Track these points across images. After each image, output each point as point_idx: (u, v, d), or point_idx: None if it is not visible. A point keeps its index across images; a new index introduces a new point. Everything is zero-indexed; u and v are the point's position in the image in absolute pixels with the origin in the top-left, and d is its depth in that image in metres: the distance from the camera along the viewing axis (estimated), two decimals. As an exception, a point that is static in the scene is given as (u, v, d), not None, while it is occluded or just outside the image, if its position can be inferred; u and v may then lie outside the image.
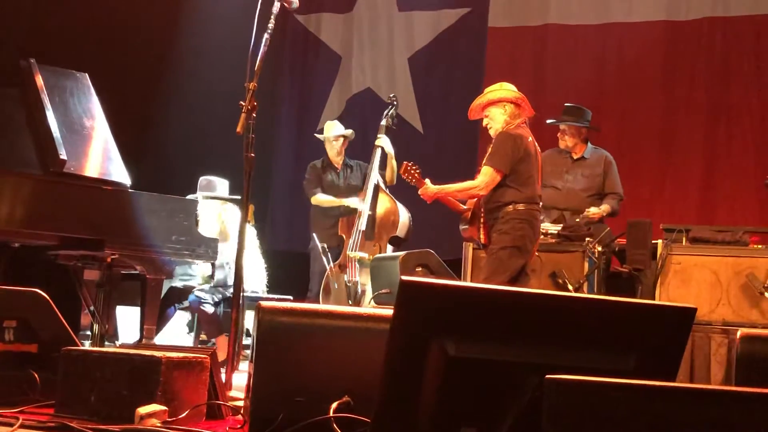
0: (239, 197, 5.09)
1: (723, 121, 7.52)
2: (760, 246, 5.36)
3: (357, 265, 6.58)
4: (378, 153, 6.80)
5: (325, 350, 2.71)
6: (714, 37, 7.62)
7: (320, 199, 6.94)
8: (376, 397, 2.04)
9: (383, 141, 6.81)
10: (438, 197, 5.22)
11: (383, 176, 6.82)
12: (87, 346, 4.75)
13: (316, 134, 7.27)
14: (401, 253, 5.82)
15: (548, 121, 6.36)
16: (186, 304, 6.37)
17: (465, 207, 5.25)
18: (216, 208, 6.41)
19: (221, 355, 4.80)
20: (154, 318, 5.14)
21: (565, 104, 6.39)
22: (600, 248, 5.62)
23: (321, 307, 2.98)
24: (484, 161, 5.12)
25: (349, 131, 7.08)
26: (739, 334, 2.60)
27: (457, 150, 8.02)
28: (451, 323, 1.98)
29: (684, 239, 5.50)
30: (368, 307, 5.58)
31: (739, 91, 7.49)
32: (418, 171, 5.21)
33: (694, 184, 7.50)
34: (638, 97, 7.77)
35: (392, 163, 6.75)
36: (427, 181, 5.22)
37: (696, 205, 7.40)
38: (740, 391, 1.72)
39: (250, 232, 6.45)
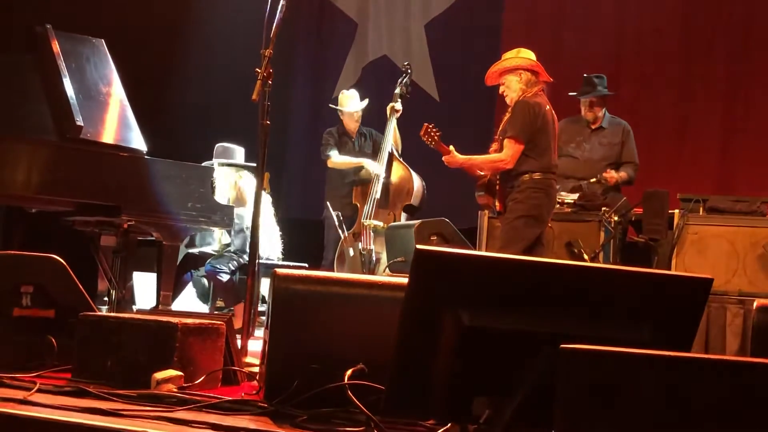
0: (254, 164, 5.08)
1: (741, 91, 7.44)
2: (777, 216, 5.33)
3: (372, 234, 6.58)
4: (394, 119, 6.77)
5: (340, 318, 2.71)
6: (733, 6, 7.52)
7: (336, 160, 6.92)
8: (389, 365, 2.05)
9: (399, 105, 6.79)
10: (463, 166, 5.20)
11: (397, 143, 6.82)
12: (104, 311, 4.79)
13: (331, 105, 7.23)
14: (416, 222, 5.82)
15: (578, 95, 6.30)
16: (202, 271, 6.41)
17: (482, 173, 5.23)
18: (232, 176, 6.42)
19: (237, 322, 4.83)
20: (171, 284, 5.17)
21: (585, 75, 6.34)
22: (616, 218, 5.59)
23: (336, 274, 3.00)
24: (500, 131, 5.09)
25: (365, 102, 7.06)
26: (755, 304, 2.59)
27: (473, 118, 7.98)
28: (466, 293, 1.98)
29: (701, 209, 5.47)
30: (383, 276, 5.59)
31: (758, 61, 7.40)
32: (438, 133, 5.18)
33: (712, 154, 7.43)
34: (656, 66, 7.69)
35: (396, 134, 6.76)
36: (452, 148, 5.19)
37: (714, 175, 7.35)
38: (757, 362, 1.72)
39: (266, 199, 6.46)
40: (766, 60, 7.37)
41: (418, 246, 1.99)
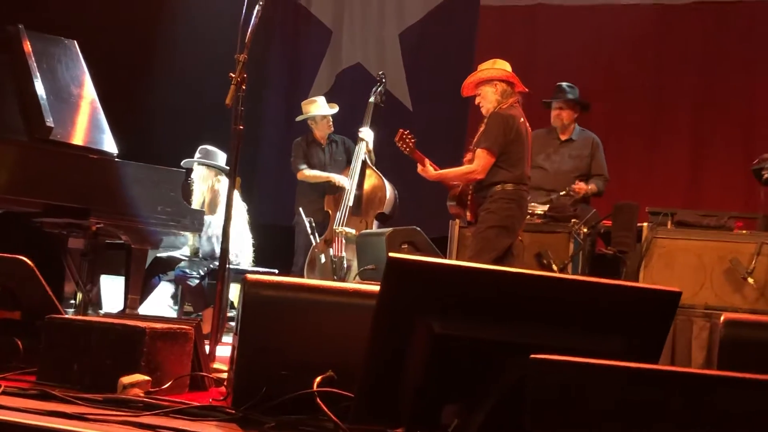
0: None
1: (712, 106, 7.54)
2: (744, 231, 5.38)
3: (343, 241, 6.58)
4: (363, 142, 6.78)
5: (311, 325, 2.70)
6: (705, 21, 7.62)
7: (307, 174, 6.93)
8: (359, 372, 2.05)
9: (366, 134, 6.80)
10: (437, 180, 5.25)
11: (370, 154, 6.83)
12: (70, 314, 4.74)
13: (299, 118, 7.19)
14: (387, 230, 5.83)
15: (546, 101, 6.35)
16: (171, 275, 6.37)
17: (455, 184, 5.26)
18: (210, 178, 6.40)
19: (206, 327, 4.80)
20: (138, 288, 5.14)
21: (558, 83, 6.39)
22: (586, 229, 5.63)
23: (307, 281, 2.98)
24: (475, 142, 5.12)
25: (335, 109, 7.06)
26: (722, 318, 2.61)
27: (446, 128, 8.00)
28: (437, 301, 1.98)
29: (669, 223, 5.52)
30: (353, 283, 5.58)
31: (729, 77, 7.50)
32: (413, 140, 5.21)
33: (682, 168, 7.52)
34: (628, 80, 7.77)
35: (371, 155, 6.78)
36: (428, 162, 5.22)
37: (682, 189, 7.43)
38: (724, 376, 1.73)
39: (240, 205, 6.44)
40: (737, 76, 7.47)
41: (391, 254, 1.99)
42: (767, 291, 5.10)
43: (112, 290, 5.94)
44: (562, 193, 5.99)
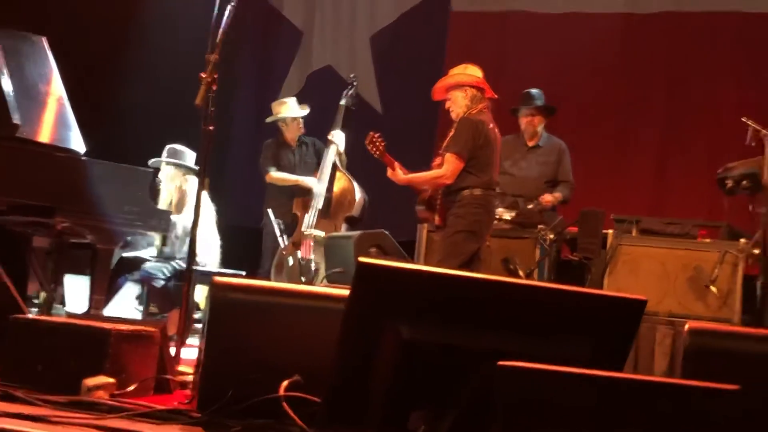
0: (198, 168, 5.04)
1: (678, 115, 7.63)
2: (708, 240, 5.45)
3: (312, 243, 6.56)
4: (334, 145, 6.77)
5: (279, 328, 2.70)
6: (671, 31, 7.71)
7: (276, 176, 6.90)
8: (327, 377, 2.04)
9: (336, 137, 6.79)
10: (406, 184, 5.25)
11: (341, 157, 6.82)
12: (34, 314, 4.69)
13: (268, 119, 7.17)
14: (356, 233, 5.82)
15: (515, 108, 6.37)
16: (137, 276, 6.31)
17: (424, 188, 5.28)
18: (178, 178, 6.35)
19: (171, 329, 4.77)
20: (104, 288, 5.09)
21: (526, 90, 6.42)
22: (552, 236, 5.68)
23: (276, 284, 2.98)
24: (444, 147, 5.14)
25: (306, 111, 7.05)
26: (687, 327, 2.64)
27: (416, 132, 8.02)
28: (406, 306, 1.99)
29: (634, 230, 5.57)
30: (321, 286, 5.57)
31: (695, 85, 7.60)
32: (383, 143, 5.22)
33: (647, 175, 7.60)
34: (595, 88, 7.84)
35: (342, 158, 6.77)
36: (398, 166, 5.23)
37: (648, 197, 7.51)
38: (689, 385, 1.76)
39: (210, 206, 6.41)
40: (703, 85, 7.57)
41: (361, 258, 1.99)
42: (730, 299, 5.16)
43: (76, 290, 5.87)
44: (530, 206, 6.02)
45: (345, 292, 2.17)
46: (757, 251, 5.14)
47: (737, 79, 7.51)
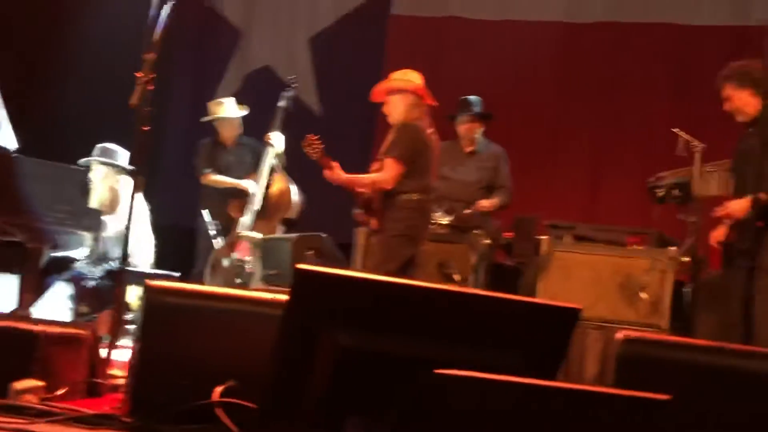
0: (132, 168, 4.96)
1: (611, 124, 7.77)
2: (639, 247, 5.55)
3: (247, 245, 6.51)
4: (272, 146, 6.72)
5: (214, 333, 2.67)
6: (607, 40, 7.85)
7: (212, 178, 6.83)
8: (263, 382, 2.03)
9: (275, 139, 6.74)
10: (345, 184, 5.23)
11: (279, 159, 6.78)
12: (-41, 314, 4.56)
13: (203, 119, 7.09)
14: (292, 235, 5.81)
15: (452, 115, 6.41)
16: (67, 275, 6.18)
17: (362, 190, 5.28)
18: (110, 178, 6.24)
19: (102, 330, 4.68)
20: (33, 288, 4.98)
21: (464, 97, 6.47)
22: (487, 241, 5.74)
23: (211, 288, 2.94)
24: (384, 151, 5.15)
25: (244, 111, 6.99)
26: (621, 335, 2.68)
27: (353, 135, 8.01)
28: (344, 313, 1.99)
29: (567, 236, 5.65)
30: (256, 288, 5.54)
31: (629, 95, 7.74)
32: (321, 146, 5.20)
33: (581, 183, 7.72)
34: (531, 95, 7.93)
35: (281, 160, 6.73)
36: (337, 165, 5.22)
37: (582, 204, 7.62)
38: (621, 394, 1.79)
39: (143, 206, 6.30)
40: (637, 95, 7.71)
41: (299, 265, 1.98)
42: (660, 306, 5.26)
43: (3, 289, 5.72)
44: (467, 211, 6.06)
45: (282, 297, 2.16)
46: (686, 259, 5.26)
47: (671, 90, 7.69)
